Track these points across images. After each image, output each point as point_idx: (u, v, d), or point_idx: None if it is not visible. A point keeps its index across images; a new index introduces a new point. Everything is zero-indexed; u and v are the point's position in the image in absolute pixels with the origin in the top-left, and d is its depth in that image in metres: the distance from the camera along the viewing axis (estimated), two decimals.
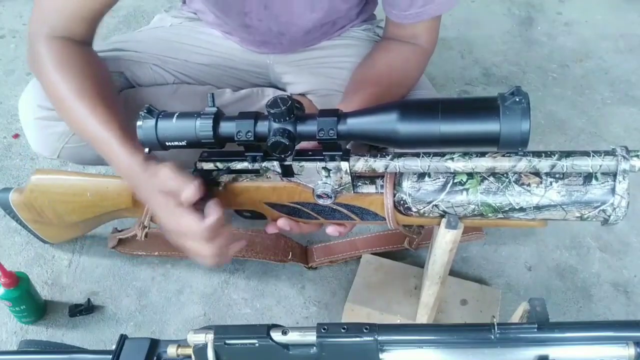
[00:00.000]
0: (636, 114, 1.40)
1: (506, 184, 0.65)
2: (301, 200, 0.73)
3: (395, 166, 0.66)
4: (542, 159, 0.61)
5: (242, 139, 0.66)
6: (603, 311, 1.00)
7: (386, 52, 0.91)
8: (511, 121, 0.57)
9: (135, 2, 1.78)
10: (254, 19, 0.92)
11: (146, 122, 0.68)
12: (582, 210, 0.65)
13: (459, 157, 0.64)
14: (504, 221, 0.69)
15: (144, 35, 1.05)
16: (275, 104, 0.64)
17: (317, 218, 0.75)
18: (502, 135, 0.57)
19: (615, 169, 0.61)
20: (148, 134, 0.68)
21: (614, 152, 0.61)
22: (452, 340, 0.59)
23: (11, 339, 0.96)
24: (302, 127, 0.65)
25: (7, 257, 1.07)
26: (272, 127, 0.65)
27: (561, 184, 0.64)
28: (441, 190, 0.67)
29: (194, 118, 0.67)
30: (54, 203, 0.92)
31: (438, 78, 1.49)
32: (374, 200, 0.71)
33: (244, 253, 1.02)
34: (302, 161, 0.69)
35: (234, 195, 0.75)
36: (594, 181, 0.63)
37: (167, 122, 0.68)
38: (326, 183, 0.69)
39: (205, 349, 0.60)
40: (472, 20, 1.71)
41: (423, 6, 0.86)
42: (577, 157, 0.61)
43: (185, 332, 0.62)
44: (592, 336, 0.58)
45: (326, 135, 0.63)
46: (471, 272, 1.06)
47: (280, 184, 0.73)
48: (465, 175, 0.67)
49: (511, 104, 0.57)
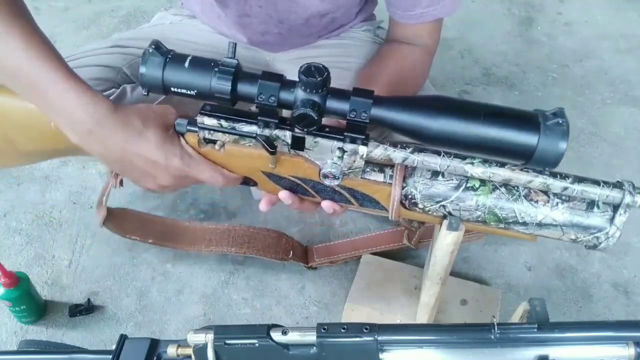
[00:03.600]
0: (636, 114, 1.41)
1: (516, 196, 0.66)
2: (303, 176, 0.69)
3: (413, 160, 0.64)
4: (556, 179, 0.62)
5: (263, 101, 0.60)
6: (603, 311, 1.00)
7: (395, 56, 0.91)
8: (550, 140, 0.57)
9: (135, 2, 1.78)
10: (254, 5, 0.91)
11: (153, 59, 0.61)
12: (578, 234, 0.66)
13: (479, 163, 0.63)
14: (502, 231, 0.69)
15: (144, 33, 1.06)
16: (309, 71, 0.58)
17: (315, 196, 0.72)
18: (537, 153, 0.58)
19: (620, 201, 0.62)
20: (152, 73, 0.61)
21: (622, 185, 0.62)
22: (452, 340, 0.59)
23: (11, 339, 0.96)
24: (332, 103, 0.60)
25: (7, 257, 1.07)
26: (299, 97, 0.60)
27: (566, 206, 0.65)
28: (452, 192, 0.67)
29: (210, 67, 0.60)
30: (9, 128, 0.80)
31: (438, 78, 1.49)
32: (380, 189, 0.69)
33: (245, 250, 1.02)
34: (318, 137, 0.64)
35: (232, 158, 0.70)
36: (595, 209, 0.65)
37: (177, 65, 0.61)
38: (336, 164, 0.65)
39: (205, 349, 0.60)
40: (472, 20, 1.71)
41: (427, 7, 0.86)
42: (588, 184, 0.62)
43: (185, 332, 0.62)
44: (592, 336, 0.58)
45: (358, 116, 0.60)
46: (471, 272, 1.06)
47: (285, 156, 0.68)
48: (479, 182, 0.67)
49: (553, 124, 0.57)
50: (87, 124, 0.65)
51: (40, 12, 1.75)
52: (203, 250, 1.03)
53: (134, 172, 0.71)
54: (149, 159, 0.67)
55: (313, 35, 1.01)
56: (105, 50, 0.96)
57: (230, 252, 1.02)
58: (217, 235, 1.04)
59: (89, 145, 0.68)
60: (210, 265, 1.06)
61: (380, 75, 0.88)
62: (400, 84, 0.86)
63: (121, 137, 0.66)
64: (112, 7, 1.76)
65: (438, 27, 0.91)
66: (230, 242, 1.03)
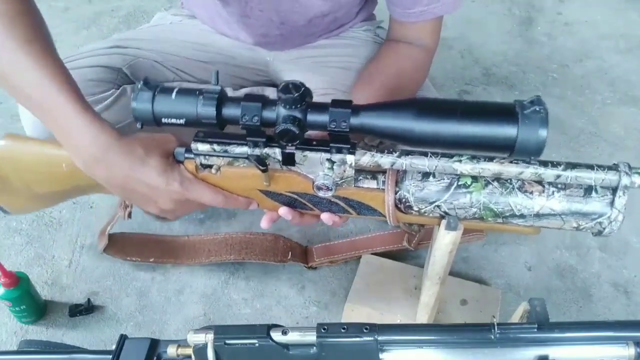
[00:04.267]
0: (636, 114, 1.41)
1: (510, 189, 0.66)
2: (299, 191, 0.71)
3: (401, 164, 0.65)
4: (548, 168, 0.62)
5: (247, 122, 0.62)
6: (603, 311, 1.00)
7: (395, 55, 0.91)
8: (529, 129, 0.57)
9: (135, 2, 1.78)
10: (254, 8, 0.91)
11: (142, 94, 0.64)
12: (579, 221, 0.66)
13: (467, 160, 0.63)
14: (502, 226, 0.69)
15: (144, 33, 1.06)
16: (286, 89, 0.61)
17: (313, 209, 0.73)
18: (519, 143, 0.57)
19: (617, 183, 0.61)
20: (143, 108, 0.64)
21: (617, 167, 0.61)
22: (452, 340, 0.59)
23: (11, 339, 0.96)
24: (313, 116, 0.62)
25: (7, 257, 1.07)
26: (281, 114, 0.62)
27: (562, 194, 0.65)
28: (445, 191, 0.67)
29: (195, 95, 0.63)
30: (23, 172, 0.84)
31: (438, 78, 1.49)
32: (374, 196, 0.70)
33: (244, 256, 1.03)
34: (306, 151, 0.67)
35: (229, 180, 0.72)
36: (593, 194, 0.64)
37: (165, 96, 0.64)
38: (327, 175, 0.67)
39: (205, 349, 0.60)
40: (472, 20, 1.71)
41: (427, 5, 0.85)
42: (582, 169, 0.61)
43: (185, 332, 0.62)
44: (592, 336, 0.58)
45: (338, 127, 0.61)
46: (471, 272, 1.06)
47: (278, 172, 0.70)
48: (470, 178, 0.66)
49: (531, 112, 0.57)
50: (93, 151, 0.68)
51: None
52: (204, 262, 1.04)
53: (137, 197, 0.73)
54: (151, 185, 0.70)
55: (314, 35, 1.01)
56: (105, 51, 0.96)
57: (230, 259, 1.03)
58: (215, 245, 1.05)
59: (94, 171, 0.71)
60: (211, 265, 1.06)
61: (379, 75, 0.88)
62: (399, 84, 0.86)
63: (125, 164, 0.69)
64: (112, 7, 1.76)
65: (438, 25, 0.91)
66: (229, 250, 1.04)
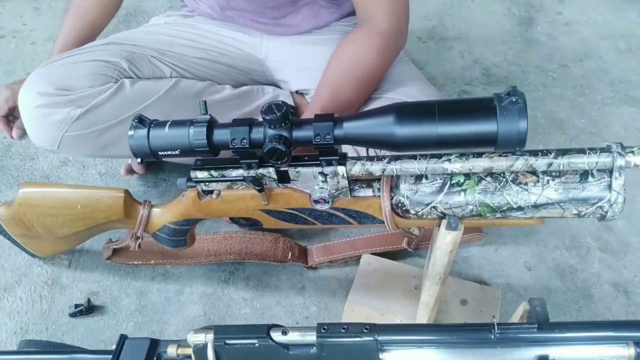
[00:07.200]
0: (636, 114, 1.40)
1: (503, 183, 0.65)
2: (298, 206, 0.73)
3: (392, 169, 0.65)
4: (538, 157, 0.61)
5: (237, 146, 0.65)
6: (603, 311, 1.00)
7: (345, 40, 0.93)
8: (508, 121, 0.57)
9: (135, 2, 1.79)
10: None
11: (138, 131, 0.67)
12: (579, 208, 0.65)
13: (456, 158, 0.63)
14: (502, 220, 0.69)
15: (139, 32, 1.09)
16: (269, 110, 0.63)
17: (315, 223, 0.75)
18: (500, 136, 0.57)
19: (611, 165, 0.61)
20: (140, 144, 0.67)
21: (610, 149, 0.61)
22: (452, 340, 0.59)
23: (11, 339, 0.96)
24: (298, 132, 0.64)
25: (7, 257, 1.07)
26: (268, 134, 0.64)
27: (558, 182, 0.64)
28: (439, 192, 0.67)
29: (186, 126, 0.66)
30: (44, 216, 0.90)
31: (438, 78, 1.49)
32: (371, 203, 0.71)
33: (244, 256, 1.03)
34: (299, 167, 0.68)
35: (230, 204, 0.75)
36: (590, 178, 0.63)
37: (159, 131, 0.67)
38: (323, 188, 0.69)
39: (205, 349, 0.60)
40: (472, 20, 1.71)
41: None
42: (574, 155, 0.61)
43: (185, 332, 0.62)
44: (592, 336, 0.58)
45: (323, 140, 0.63)
46: (471, 272, 1.06)
47: (276, 191, 0.72)
48: (463, 176, 0.67)
49: (508, 104, 0.57)
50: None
51: (40, 12, 1.75)
52: (203, 262, 1.03)
53: None
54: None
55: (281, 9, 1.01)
56: (103, 47, 0.98)
57: (230, 259, 1.03)
58: (215, 244, 1.05)
59: None
60: (210, 265, 1.06)
61: (329, 64, 0.90)
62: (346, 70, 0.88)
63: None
64: None
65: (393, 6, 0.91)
66: (228, 250, 1.04)
